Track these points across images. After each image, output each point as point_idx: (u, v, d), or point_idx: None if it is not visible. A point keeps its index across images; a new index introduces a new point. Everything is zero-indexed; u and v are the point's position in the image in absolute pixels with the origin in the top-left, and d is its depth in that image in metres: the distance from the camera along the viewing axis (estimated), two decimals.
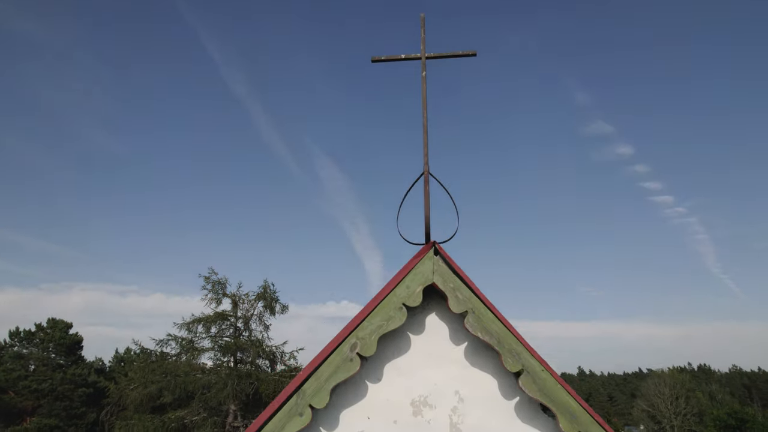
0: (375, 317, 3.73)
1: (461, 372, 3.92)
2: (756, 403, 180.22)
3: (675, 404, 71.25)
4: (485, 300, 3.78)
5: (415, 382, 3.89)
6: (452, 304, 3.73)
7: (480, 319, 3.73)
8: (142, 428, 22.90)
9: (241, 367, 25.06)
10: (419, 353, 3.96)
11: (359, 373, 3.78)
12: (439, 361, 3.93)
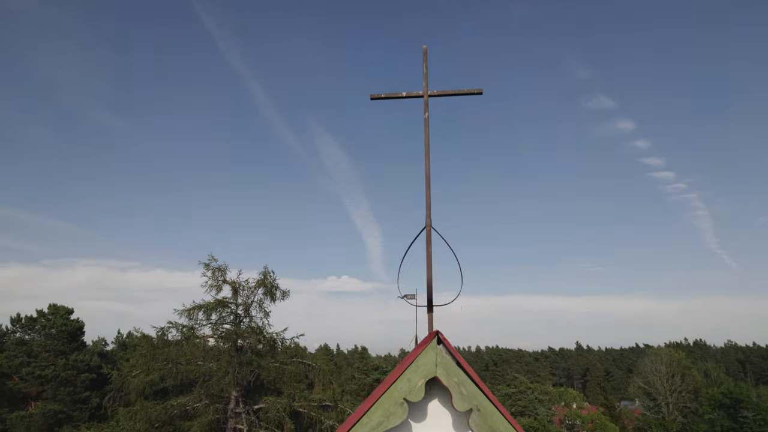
0: (375, 413, 3.52)
1: None
2: (749, 378, 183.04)
3: (671, 382, 72.17)
4: (491, 397, 3.58)
5: None
6: (456, 401, 3.51)
7: (486, 417, 3.51)
8: (144, 415, 23.09)
9: (242, 355, 25.14)
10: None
11: None
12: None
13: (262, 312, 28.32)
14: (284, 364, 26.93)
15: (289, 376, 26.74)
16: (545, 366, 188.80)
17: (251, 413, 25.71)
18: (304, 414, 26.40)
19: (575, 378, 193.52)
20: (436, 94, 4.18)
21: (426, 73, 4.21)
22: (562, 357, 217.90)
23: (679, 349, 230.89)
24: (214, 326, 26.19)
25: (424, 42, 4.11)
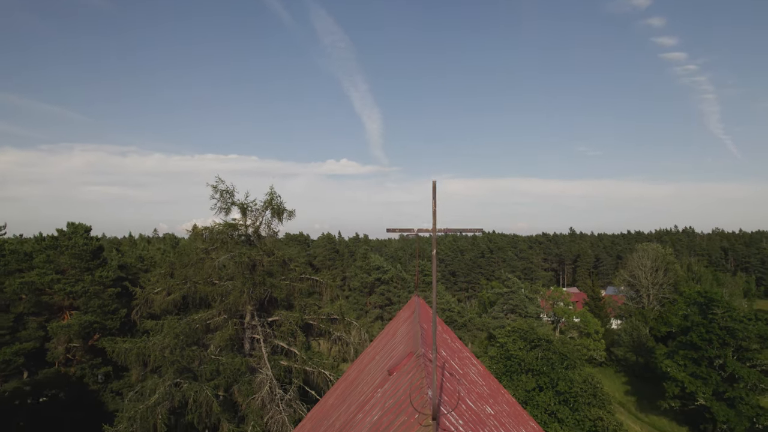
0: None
1: None
2: (730, 264, 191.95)
3: (654, 276, 76.74)
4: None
5: None
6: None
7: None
8: (171, 329, 25.52)
9: (256, 275, 27.01)
10: None
11: None
12: None
13: (270, 232, 29.89)
14: (294, 282, 29.07)
15: (299, 292, 29.02)
16: (538, 253, 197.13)
17: (266, 326, 28.32)
18: (314, 326, 29.09)
19: (566, 264, 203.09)
20: (442, 231, 4.89)
21: (435, 210, 4.88)
22: (555, 243, 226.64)
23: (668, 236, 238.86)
24: (228, 248, 27.80)
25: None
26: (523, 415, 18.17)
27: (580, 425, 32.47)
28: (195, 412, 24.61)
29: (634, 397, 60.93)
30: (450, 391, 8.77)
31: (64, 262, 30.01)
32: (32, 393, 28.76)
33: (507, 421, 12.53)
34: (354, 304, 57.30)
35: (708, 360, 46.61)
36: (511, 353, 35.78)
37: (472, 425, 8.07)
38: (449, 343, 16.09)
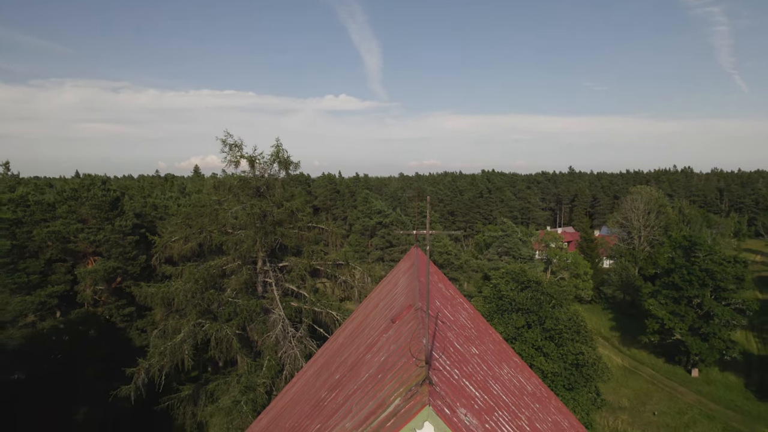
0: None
1: None
2: (724, 204, 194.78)
3: (646, 218, 79.24)
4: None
5: None
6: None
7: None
8: (189, 274, 27.92)
9: (267, 225, 29.05)
10: None
11: None
12: None
13: (278, 182, 31.69)
14: (302, 230, 31.22)
15: (307, 240, 31.23)
16: (536, 193, 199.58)
17: (277, 271, 30.75)
18: (321, 271, 31.54)
19: (563, 203, 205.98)
20: (434, 232, 6.70)
21: (429, 218, 6.74)
22: (554, 183, 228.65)
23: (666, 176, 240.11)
24: (240, 199, 29.70)
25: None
26: (507, 352, 20.81)
27: (563, 358, 35.75)
28: (216, 348, 27.50)
29: (618, 332, 65.08)
30: (441, 338, 10.96)
31: (85, 212, 32.03)
32: (66, 331, 31.66)
33: (490, 358, 14.94)
34: (356, 246, 60.00)
35: (687, 299, 49.83)
36: (503, 293, 38.59)
37: (458, 364, 10.32)
38: (443, 292, 18.34)
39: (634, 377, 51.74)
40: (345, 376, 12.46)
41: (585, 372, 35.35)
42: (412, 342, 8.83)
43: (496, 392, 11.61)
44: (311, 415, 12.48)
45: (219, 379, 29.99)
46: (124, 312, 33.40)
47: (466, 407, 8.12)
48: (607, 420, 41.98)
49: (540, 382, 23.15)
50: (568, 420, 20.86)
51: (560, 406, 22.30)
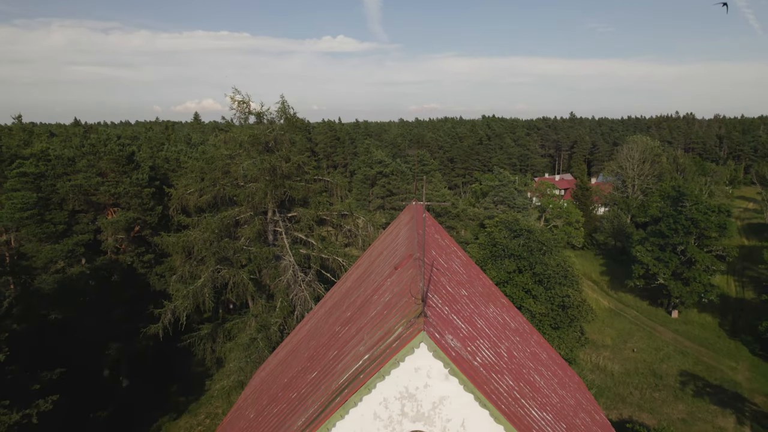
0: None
1: None
2: (723, 151, 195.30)
3: (640, 167, 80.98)
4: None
5: None
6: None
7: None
8: (207, 225, 30.20)
9: (276, 178, 31.02)
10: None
11: None
12: None
13: (286, 137, 33.40)
14: (309, 183, 33.24)
15: (313, 192, 33.31)
16: (536, 140, 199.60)
17: (286, 220, 33.03)
18: (327, 220, 33.81)
19: (563, 150, 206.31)
20: (428, 203, 8.73)
21: (424, 192, 8.80)
22: (554, 129, 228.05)
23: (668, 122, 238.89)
24: (250, 154, 31.51)
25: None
26: (495, 295, 23.45)
27: (550, 301, 38.70)
28: (233, 292, 30.24)
29: (607, 276, 68.44)
30: (435, 282, 13.29)
31: (104, 166, 33.87)
32: (92, 276, 34.31)
33: (477, 299, 17.43)
34: (358, 195, 62.11)
35: (672, 246, 52.54)
36: (497, 241, 41.07)
37: (448, 303, 12.72)
38: (439, 242, 20.64)
39: (618, 318, 55.33)
40: (355, 313, 14.94)
41: (570, 313, 38.39)
42: (411, 285, 11.11)
43: (480, 326, 14.10)
44: (328, 344, 15.04)
45: (235, 320, 32.94)
46: (144, 259, 35.92)
47: (453, 334, 10.53)
48: (590, 356, 45.65)
49: (525, 320, 25.97)
50: (547, 352, 23.81)
51: (541, 341, 25.23)
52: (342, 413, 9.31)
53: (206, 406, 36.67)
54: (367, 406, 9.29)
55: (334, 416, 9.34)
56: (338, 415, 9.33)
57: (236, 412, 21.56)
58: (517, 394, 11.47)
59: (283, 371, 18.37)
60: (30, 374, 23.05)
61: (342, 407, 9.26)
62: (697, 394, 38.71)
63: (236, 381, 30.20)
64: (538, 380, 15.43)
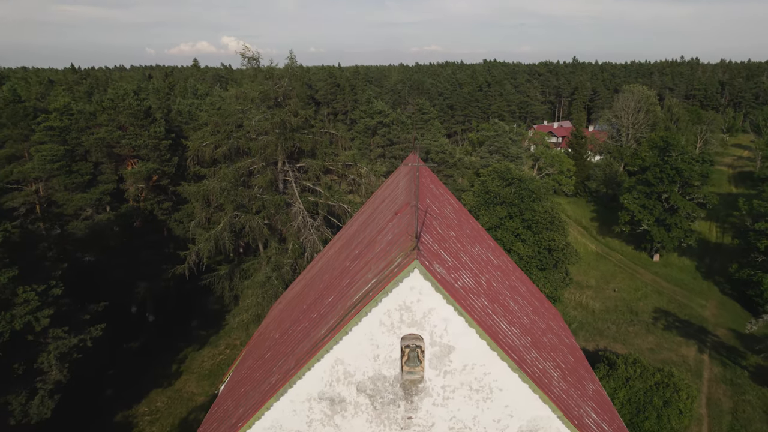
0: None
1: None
2: (724, 99, 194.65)
3: (635, 117, 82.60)
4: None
5: None
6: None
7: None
8: (222, 174, 32.99)
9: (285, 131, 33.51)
10: None
11: None
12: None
13: (294, 94, 35.63)
14: (316, 135, 35.74)
15: (320, 144, 35.87)
16: (536, 86, 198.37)
17: (295, 170, 35.78)
18: (333, 170, 36.55)
19: (563, 96, 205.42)
20: (421, 164, 11.46)
21: (417, 156, 11.56)
22: (555, 74, 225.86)
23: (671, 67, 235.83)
24: (261, 109, 33.85)
25: None
26: (482, 237, 26.66)
27: (538, 244, 42.05)
28: (250, 235, 33.46)
29: (597, 222, 71.81)
30: (428, 225, 16.31)
31: (123, 120, 36.17)
32: (117, 222, 37.42)
33: (465, 240, 20.57)
34: (359, 144, 64.32)
35: (657, 194, 55.48)
36: (489, 189, 43.94)
37: (438, 241, 15.80)
38: (433, 191, 23.56)
39: (604, 261, 59.10)
40: (363, 250, 18.08)
41: (555, 255, 41.86)
42: (408, 227, 14.12)
43: (464, 260, 17.27)
44: (340, 276, 18.27)
45: (251, 261, 36.39)
46: (163, 206, 38.86)
47: (440, 264, 13.65)
48: (574, 295, 49.60)
49: (509, 260, 29.41)
50: (527, 287, 27.40)
51: (523, 278, 28.80)
52: (356, 321, 12.52)
53: (225, 339, 40.81)
54: (375, 316, 12.49)
55: (350, 323, 12.56)
56: (353, 323, 12.55)
57: (260, 336, 25.24)
58: (490, 311, 14.76)
59: (301, 300, 21.79)
60: (80, 306, 26.58)
61: (356, 317, 12.46)
62: (667, 327, 42.82)
63: (253, 315, 33.97)
64: (512, 305, 18.80)
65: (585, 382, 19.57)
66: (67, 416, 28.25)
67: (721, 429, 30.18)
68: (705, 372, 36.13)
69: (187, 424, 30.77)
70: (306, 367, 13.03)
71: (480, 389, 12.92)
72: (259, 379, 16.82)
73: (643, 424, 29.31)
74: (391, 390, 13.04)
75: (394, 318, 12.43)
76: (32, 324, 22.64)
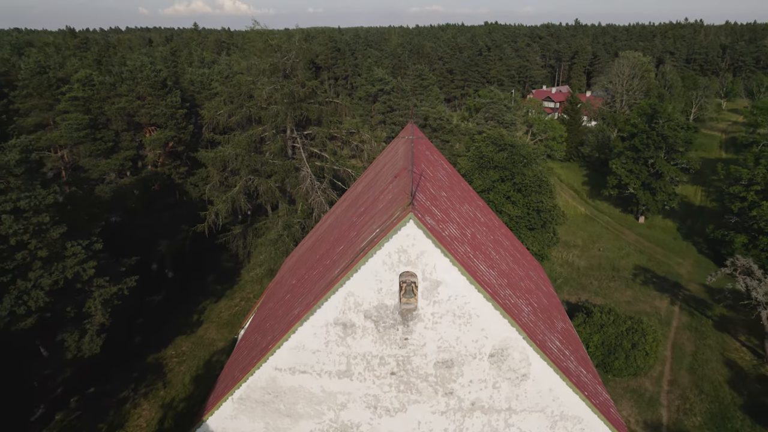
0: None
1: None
2: (725, 63, 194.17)
3: (629, 83, 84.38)
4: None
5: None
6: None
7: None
8: (236, 141, 35.86)
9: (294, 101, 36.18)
10: None
11: None
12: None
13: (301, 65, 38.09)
14: (322, 105, 38.39)
15: (325, 113, 38.56)
16: (536, 50, 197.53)
17: (303, 137, 38.61)
18: (338, 137, 39.37)
19: (563, 60, 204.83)
20: (418, 135, 14.39)
21: (413, 122, 14.52)
22: (556, 38, 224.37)
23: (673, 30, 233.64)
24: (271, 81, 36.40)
25: None
26: (472, 196, 29.89)
27: (526, 206, 45.22)
28: (263, 197, 36.61)
29: (588, 186, 74.83)
30: (423, 186, 19.42)
31: (142, 90, 38.69)
32: (137, 186, 40.48)
33: (455, 199, 23.75)
34: (361, 111, 66.66)
35: (644, 160, 58.31)
36: (483, 154, 46.80)
37: (430, 200, 18.98)
38: (429, 157, 26.57)
39: (591, 223, 62.46)
40: (368, 208, 21.27)
41: (543, 216, 45.10)
42: (405, 188, 17.24)
43: (453, 216, 20.51)
44: (349, 229, 21.52)
45: (263, 221, 39.68)
46: (180, 171, 41.81)
47: (431, 217, 16.84)
48: (561, 254, 53.16)
49: (496, 219, 32.73)
50: (511, 242, 30.84)
51: (508, 234, 32.20)
52: (364, 262, 15.76)
53: (240, 292, 44.52)
54: (379, 257, 15.73)
55: (359, 264, 15.81)
56: (362, 263, 15.79)
57: (276, 285, 28.73)
58: (471, 255, 18.07)
59: (314, 252, 25.13)
60: (115, 260, 30.00)
61: (364, 258, 15.71)
62: (644, 283, 46.47)
63: (266, 269, 37.52)
64: (493, 255, 22.15)
65: (555, 320, 23.13)
66: (108, 356, 32.14)
67: (682, 368, 34.10)
68: (674, 321, 39.94)
69: (210, 365, 34.68)
70: (324, 299, 16.37)
71: (461, 315, 16.30)
72: (282, 314, 20.31)
73: (613, 363, 33.17)
74: (391, 316, 16.44)
75: (394, 259, 15.68)
76: (80, 274, 26.04)
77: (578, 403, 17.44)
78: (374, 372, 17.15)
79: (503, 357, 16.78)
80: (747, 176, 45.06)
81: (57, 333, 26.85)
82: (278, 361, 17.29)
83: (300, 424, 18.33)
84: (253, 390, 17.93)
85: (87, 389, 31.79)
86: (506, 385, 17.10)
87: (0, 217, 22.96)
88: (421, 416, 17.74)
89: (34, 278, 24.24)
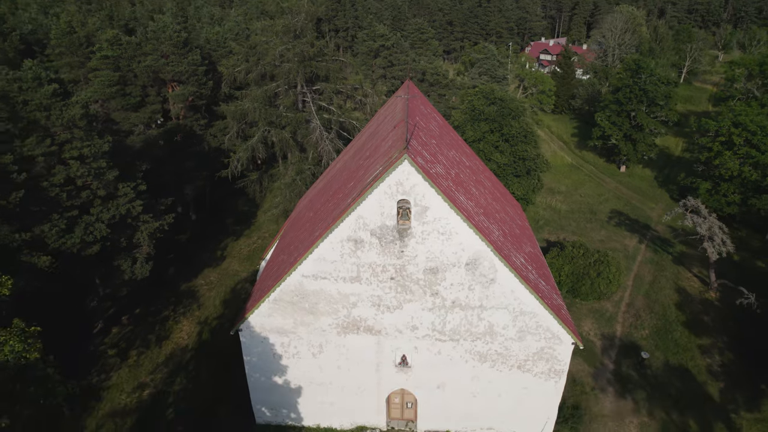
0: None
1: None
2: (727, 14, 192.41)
3: (621, 37, 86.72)
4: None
5: None
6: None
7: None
8: (254, 95, 40.00)
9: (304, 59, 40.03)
10: None
11: None
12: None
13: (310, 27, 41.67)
14: (329, 63, 42.23)
15: (332, 71, 42.45)
16: (537, 2, 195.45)
17: (312, 92, 42.67)
18: (344, 92, 43.42)
19: (564, 11, 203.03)
20: (414, 92, 18.82)
21: (410, 78, 18.99)
22: None
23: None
24: (283, 41, 40.12)
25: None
26: (460, 145, 34.48)
27: (513, 154, 49.72)
28: (278, 146, 41.15)
29: (576, 138, 78.89)
30: (417, 135, 24.04)
31: (166, 49, 42.36)
32: (163, 137, 44.83)
33: (444, 146, 28.41)
34: (363, 65, 69.86)
35: (626, 112, 62.25)
36: (475, 107, 50.83)
37: (422, 145, 23.69)
38: (422, 110, 30.99)
39: (576, 172, 67.05)
40: (372, 153, 25.98)
41: (528, 164, 49.74)
42: (402, 136, 21.91)
43: (441, 158, 25.24)
44: (357, 170, 26.29)
45: (277, 167, 44.34)
46: (201, 123, 46.03)
47: (421, 158, 21.60)
48: (546, 199, 58.03)
49: (482, 164, 37.45)
50: (493, 184, 35.70)
51: (491, 177, 37.03)
52: (370, 191, 20.58)
53: (257, 232, 49.73)
54: (381, 189, 20.52)
55: (367, 193, 20.60)
56: (368, 193, 20.59)
57: (295, 218, 33.74)
58: (453, 189, 22.92)
59: (327, 191, 29.99)
60: (155, 200, 34.91)
61: (370, 189, 20.50)
62: (618, 224, 51.61)
63: (281, 210, 42.49)
64: (474, 191, 27.03)
65: (523, 245, 28.24)
66: (149, 283, 37.67)
67: (639, 293, 39.67)
68: (639, 256, 45.31)
69: (236, 291, 40.20)
70: (339, 221, 21.29)
71: (444, 233, 21.28)
72: (305, 236, 25.36)
73: (580, 288, 38.64)
74: (391, 234, 21.43)
75: (393, 190, 20.50)
76: (131, 210, 30.96)
77: (533, 302, 22.61)
78: (378, 277, 22.33)
79: (476, 265, 21.85)
80: (714, 128, 49.25)
81: (112, 261, 32.11)
82: (304, 270, 22.42)
83: (321, 320, 23.70)
84: (285, 293, 23.17)
85: (134, 310, 37.46)
86: (478, 287, 22.26)
87: (68, 163, 27.67)
88: (414, 312, 23.07)
89: (96, 213, 29.17)
